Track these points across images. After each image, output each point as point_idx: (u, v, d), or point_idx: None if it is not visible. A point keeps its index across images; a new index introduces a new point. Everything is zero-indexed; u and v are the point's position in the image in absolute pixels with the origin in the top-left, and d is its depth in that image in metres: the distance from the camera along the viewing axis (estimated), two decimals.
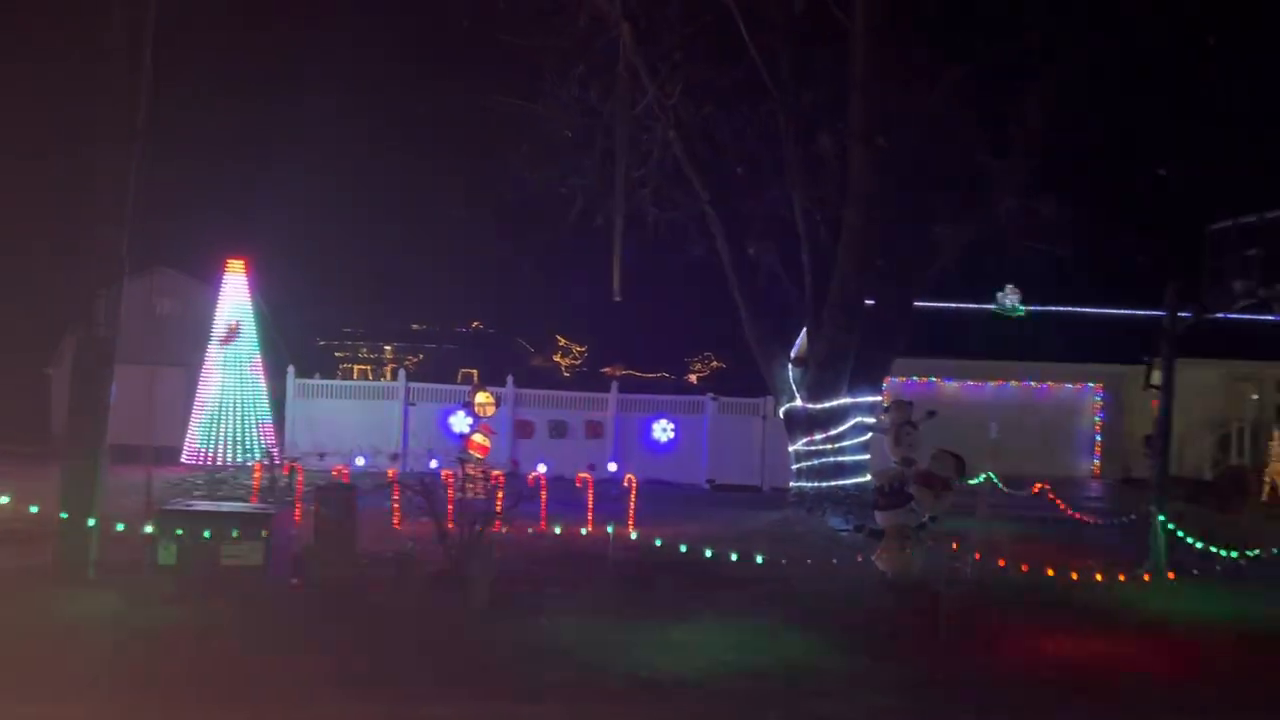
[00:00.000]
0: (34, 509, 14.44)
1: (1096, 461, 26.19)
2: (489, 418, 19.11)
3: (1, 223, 29.70)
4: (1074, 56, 16.61)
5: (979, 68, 16.66)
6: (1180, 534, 13.25)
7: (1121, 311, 25.68)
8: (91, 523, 10.69)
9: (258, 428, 22.48)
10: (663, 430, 22.72)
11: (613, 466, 18.32)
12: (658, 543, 13.68)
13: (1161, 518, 13.01)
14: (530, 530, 14.04)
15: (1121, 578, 12.58)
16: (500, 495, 13.57)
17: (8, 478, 16.18)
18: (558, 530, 14.16)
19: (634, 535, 14.63)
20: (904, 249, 17.23)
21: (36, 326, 25.80)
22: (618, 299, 17.01)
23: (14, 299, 28.31)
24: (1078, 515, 16.39)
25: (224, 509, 10.93)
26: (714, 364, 56.38)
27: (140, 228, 11.35)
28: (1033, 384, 26.06)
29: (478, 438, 18.43)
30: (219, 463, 21.57)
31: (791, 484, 17.23)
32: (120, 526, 11.64)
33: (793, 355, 18.37)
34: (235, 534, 10.19)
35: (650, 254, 19.96)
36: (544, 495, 15.12)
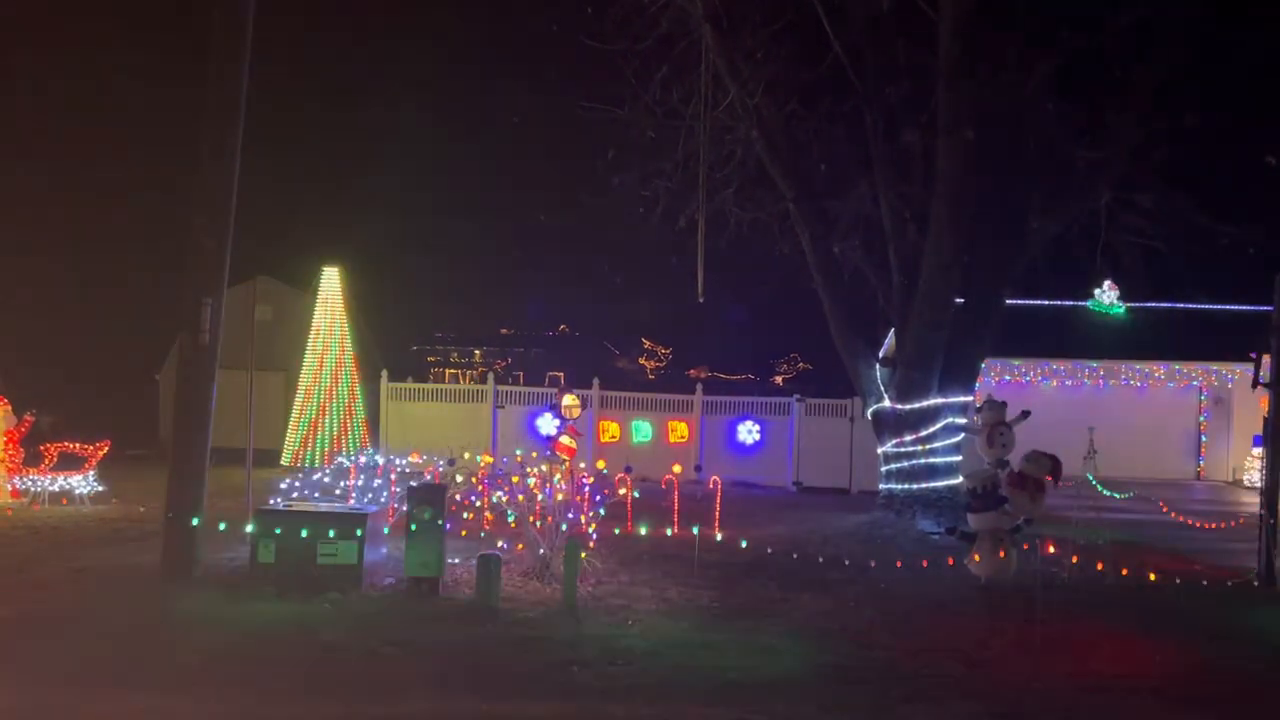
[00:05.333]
0: (141, 509, 15.13)
1: (1201, 463, 25.22)
2: (575, 420, 19.30)
3: (115, 238, 31.22)
4: (1174, 40, 16.01)
5: (1072, 56, 16.17)
6: None
7: (1227, 306, 24.67)
8: (195, 522, 11.12)
9: (353, 430, 23.09)
10: (748, 432, 22.61)
11: (698, 468, 18.34)
12: (743, 544, 13.66)
13: (1273, 521, 12.45)
14: (616, 531, 14.13)
15: (1229, 584, 12.09)
16: (586, 496, 13.67)
17: (120, 480, 17.00)
18: (643, 531, 14.23)
19: (719, 537, 14.62)
20: (994, 244, 16.82)
21: (147, 335, 26.99)
22: (701, 301, 16.98)
23: (127, 310, 29.69)
24: (1182, 518, 15.81)
25: (320, 510, 11.25)
26: (800, 365, 55.89)
27: (240, 238, 11.77)
28: (1133, 383, 25.20)
29: (565, 439, 18.61)
30: (315, 464, 22.22)
31: (880, 486, 16.97)
32: (222, 526, 12.11)
33: (880, 355, 18.08)
34: (331, 534, 10.50)
35: (734, 255, 19.87)
36: (629, 496, 15.20)
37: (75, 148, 31.09)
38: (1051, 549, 11.95)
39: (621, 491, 15.00)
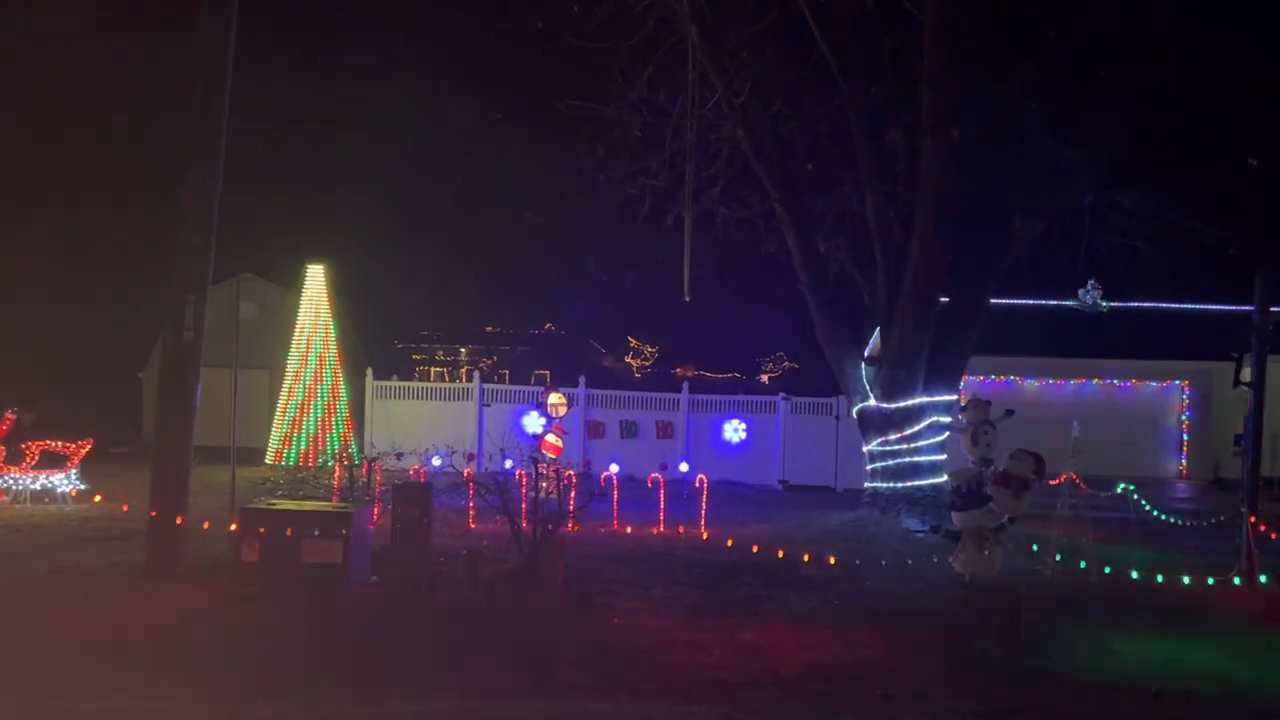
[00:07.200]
0: (125, 508, 15.06)
1: (1183, 462, 25.39)
2: (561, 418, 19.31)
3: (100, 235, 31.04)
4: (1157, 41, 16.12)
5: (1056, 57, 16.26)
6: (1272, 536, 12.78)
7: (1209, 306, 24.85)
8: (179, 521, 11.06)
9: (337, 428, 23.02)
10: (734, 430, 22.65)
11: (684, 467, 18.37)
12: (729, 543, 13.69)
13: (1253, 519, 12.56)
14: (603, 529, 14.15)
15: (1211, 581, 12.19)
16: (573, 495, 13.68)
17: (103, 478, 16.90)
18: (629, 530, 14.25)
19: (705, 535, 14.65)
20: (978, 244, 16.91)
21: (131, 333, 26.82)
22: (688, 299, 17.00)
23: (111, 307, 29.51)
24: (1164, 517, 15.89)
25: (305, 508, 11.21)
26: (786, 364, 55.93)
27: (224, 235, 11.72)
28: (1116, 382, 25.34)
29: (551, 438, 18.63)
30: (300, 463, 22.14)
31: (866, 484, 17.04)
32: (206, 525, 12.07)
33: (866, 354, 18.16)
34: (316, 532, 10.46)
35: (721, 254, 19.90)
36: (616, 495, 15.22)
37: (61, 145, 30.90)
38: (1035, 547, 12.02)
39: (607, 490, 15.03)
